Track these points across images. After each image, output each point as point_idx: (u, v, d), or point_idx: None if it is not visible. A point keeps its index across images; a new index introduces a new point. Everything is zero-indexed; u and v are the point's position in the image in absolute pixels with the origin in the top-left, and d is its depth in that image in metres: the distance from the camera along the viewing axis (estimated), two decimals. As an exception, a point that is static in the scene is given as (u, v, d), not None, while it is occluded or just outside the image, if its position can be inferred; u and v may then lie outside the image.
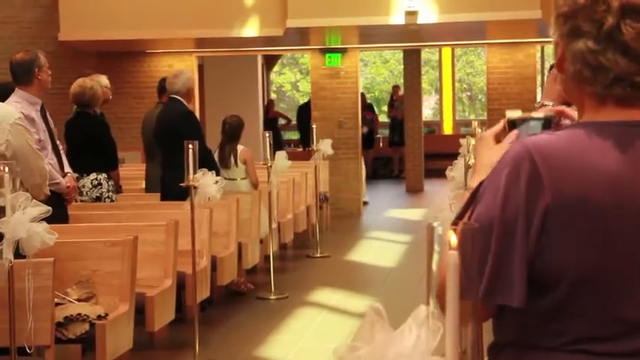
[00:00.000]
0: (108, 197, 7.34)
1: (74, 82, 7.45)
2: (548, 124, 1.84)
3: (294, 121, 19.66)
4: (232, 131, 8.62)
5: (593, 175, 1.63)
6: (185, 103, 7.58)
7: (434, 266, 1.35)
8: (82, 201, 7.07)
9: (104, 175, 7.33)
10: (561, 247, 1.62)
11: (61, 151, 6.17)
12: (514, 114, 1.87)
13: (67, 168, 6.14)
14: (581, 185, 1.62)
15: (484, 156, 1.85)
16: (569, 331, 1.65)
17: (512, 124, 1.85)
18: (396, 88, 20.62)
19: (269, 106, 18.98)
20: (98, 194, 7.29)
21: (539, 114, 1.87)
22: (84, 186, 7.20)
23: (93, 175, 7.28)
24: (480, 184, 1.71)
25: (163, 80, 8.29)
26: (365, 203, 14.70)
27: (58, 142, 6.08)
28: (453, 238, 1.29)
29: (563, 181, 1.62)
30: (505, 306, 1.64)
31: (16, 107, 5.47)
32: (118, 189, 7.70)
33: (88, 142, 7.23)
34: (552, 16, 1.76)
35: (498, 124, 1.90)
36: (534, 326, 1.67)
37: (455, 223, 1.38)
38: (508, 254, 1.61)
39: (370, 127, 18.45)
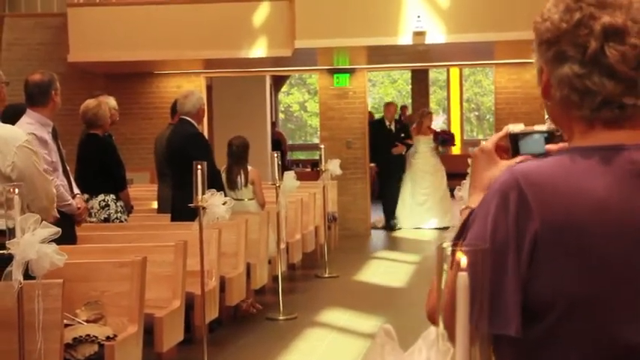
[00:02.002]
0: (117, 218, 7.33)
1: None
2: (552, 137, 1.82)
3: (288, 142, 19.21)
4: (239, 152, 8.63)
5: (581, 200, 1.62)
6: (195, 124, 7.58)
7: (443, 287, 1.35)
8: (90, 222, 7.07)
9: (112, 196, 7.32)
10: (552, 272, 1.60)
11: (69, 173, 6.18)
12: (516, 128, 1.85)
13: (76, 189, 6.15)
14: (569, 210, 1.61)
15: (485, 176, 1.84)
16: None
17: (514, 138, 1.83)
18: (404, 108, 20.62)
19: (272, 127, 18.97)
20: (106, 215, 7.28)
21: (541, 127, 1.85)
22: (92, 207, 7.20)
23: (101, 197, 7.28)
24: (471, 212, 1.71)
25: (176, 101, 8.30)
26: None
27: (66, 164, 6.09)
28: (463, 259, 1.29)
29: (551, 206, 1.61)
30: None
31: (29, 129, 5.47)
32: (129, 209, 7.70)
33: (95, 164, 7.25)
34: (534, 43, 1.75)
35: (498, 133, 1.88)
36: (529, 355, 1.65)
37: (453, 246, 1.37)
38: (501, 283, 1.59)
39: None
